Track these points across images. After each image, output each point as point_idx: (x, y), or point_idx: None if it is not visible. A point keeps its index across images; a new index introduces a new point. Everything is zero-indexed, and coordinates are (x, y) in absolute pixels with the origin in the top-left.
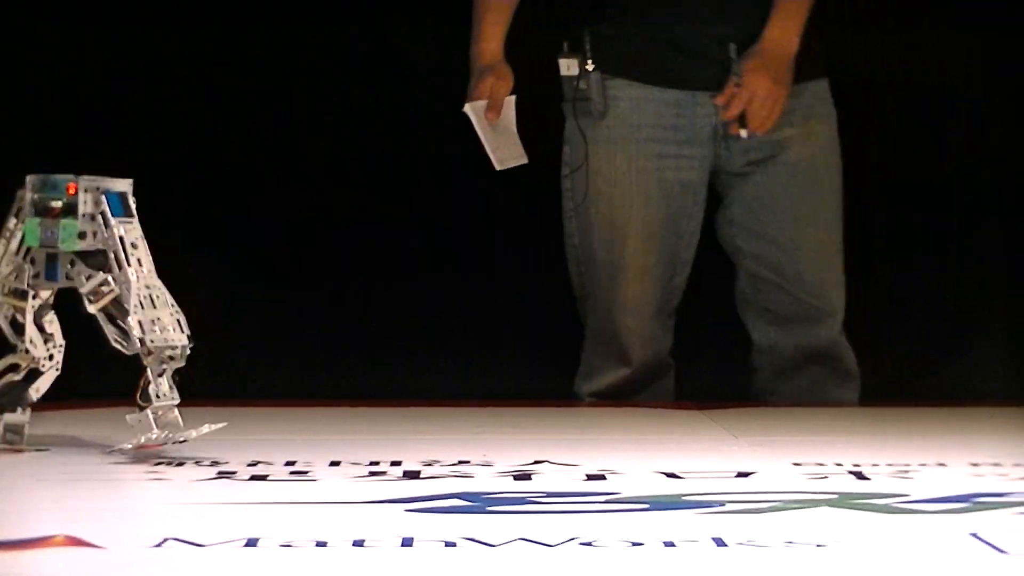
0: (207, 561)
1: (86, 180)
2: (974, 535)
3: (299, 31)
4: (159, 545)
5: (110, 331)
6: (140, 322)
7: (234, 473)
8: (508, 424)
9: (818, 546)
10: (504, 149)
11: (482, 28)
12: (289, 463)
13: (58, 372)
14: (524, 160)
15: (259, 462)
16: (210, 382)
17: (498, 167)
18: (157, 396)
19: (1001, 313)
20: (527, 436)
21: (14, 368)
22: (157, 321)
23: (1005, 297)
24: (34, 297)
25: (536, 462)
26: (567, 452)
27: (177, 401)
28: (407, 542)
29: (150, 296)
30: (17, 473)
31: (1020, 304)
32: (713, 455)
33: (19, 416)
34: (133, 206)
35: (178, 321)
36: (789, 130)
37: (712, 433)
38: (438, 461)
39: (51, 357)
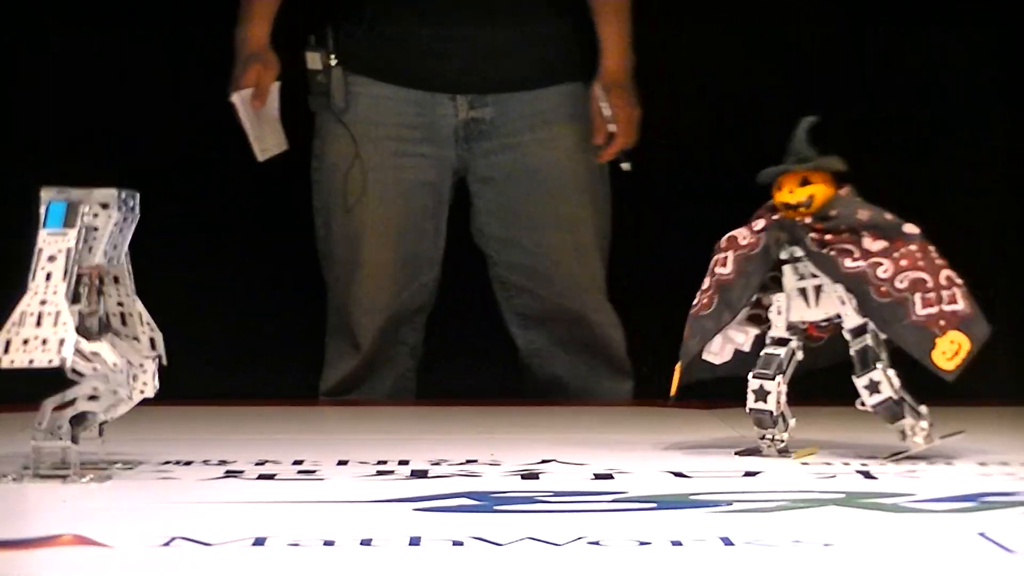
0: (215, 560)
1: (46, 191)
2: (982, 534)
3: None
4: (167, 544)
5: None
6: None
7: (242, 472)
8: (516, 423)
9: (825, 545)
10: (267, 138)
11: (249, 14)
12: (297, 462)
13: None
14: (285, 147)
15: (267, 461)
16: (213, 382)
17: (260, 158)
18: None
19: (1007, 313)
20: (535, 435)
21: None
22: (24, 344)
23: (1011, 297)
24: None
25: (544, 461)
26: (575, 451)
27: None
28: (415, 541)
29: (39, 314)
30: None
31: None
32: (721, 454)
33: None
34: (83, 217)
35: (44, 342)
36: (529, 135)
37: (720, 432)
38: (446, 460)
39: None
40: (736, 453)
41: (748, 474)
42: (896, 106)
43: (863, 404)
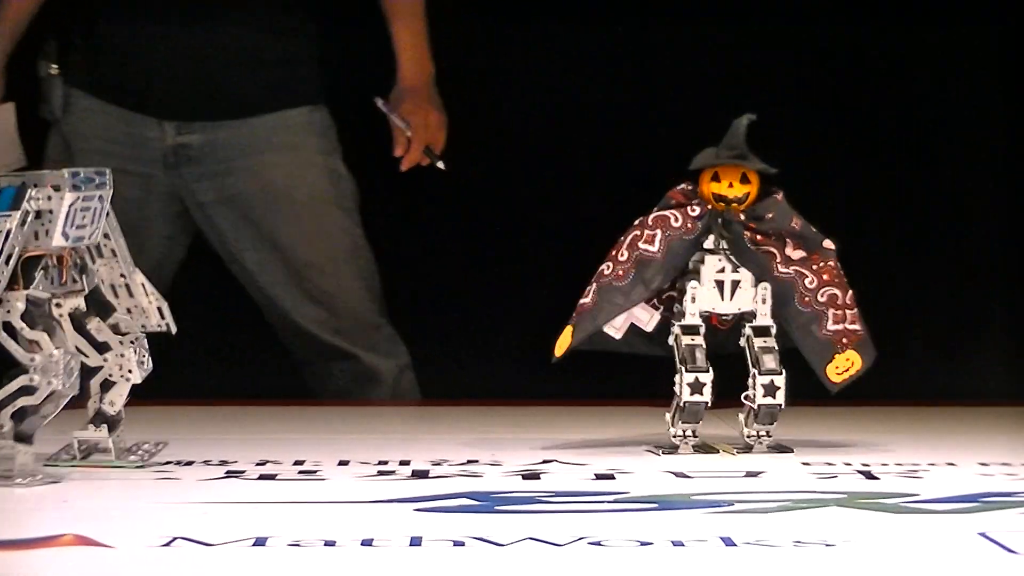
0: (216, 560)
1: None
2: (983, 535)
3: None
4: (168, 544)
5: None
6: None
7: (243, 472)
8: (516, 423)
9: (827, 545)
10: (5, 155)
11: None
12: (298, 462)
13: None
14: (24, 163)
15: (268, 461)
16: (218, 380)
17: None
18: None
19: (1006, 314)
20: (535, 435)
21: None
22: None
23: (1009, 297)
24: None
25: (545, 461)
26: (576, 452)
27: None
28: (416, 541)
29: None
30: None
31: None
32: (733, 457)
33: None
34: (29, 200)
35: None
36: (240, 162)
37: (719, 431)
38: (447, 460)
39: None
40: (661, 452)
41: (749, 474)
42: (896, 106)
43: (748, 399)
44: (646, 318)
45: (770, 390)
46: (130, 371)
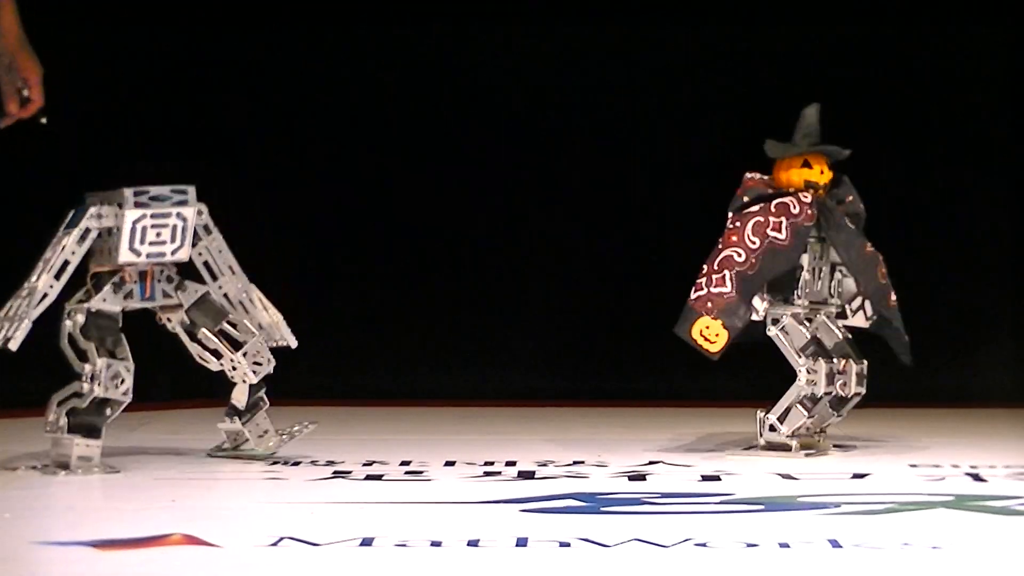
0: (322, 560)
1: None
2: None
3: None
4: (275, 544)
5: None
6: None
7: (349, 473)
8: (622, 424)
9: (934, 548)
10: None
11: None
12: (404, 463)
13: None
14: None
15: (374, 462)
16: (325, 380)
17: None
18: None
19: (1007, 313)
20: (641, 436)
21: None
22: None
23: (1011, 297)
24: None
25: (651, 463)
26: (681, 453)
27: None
28: (522, 542)
29: (9, 305)
30: (137, 472)
31: None
32: (829, 455)
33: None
34: (89, 218)
35: None
36: None
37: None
38: (553, 461)
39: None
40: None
41: (856, 476)
42: (902, 109)
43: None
44: (760, 307)
45: (861, 378)
46: (245, 374)
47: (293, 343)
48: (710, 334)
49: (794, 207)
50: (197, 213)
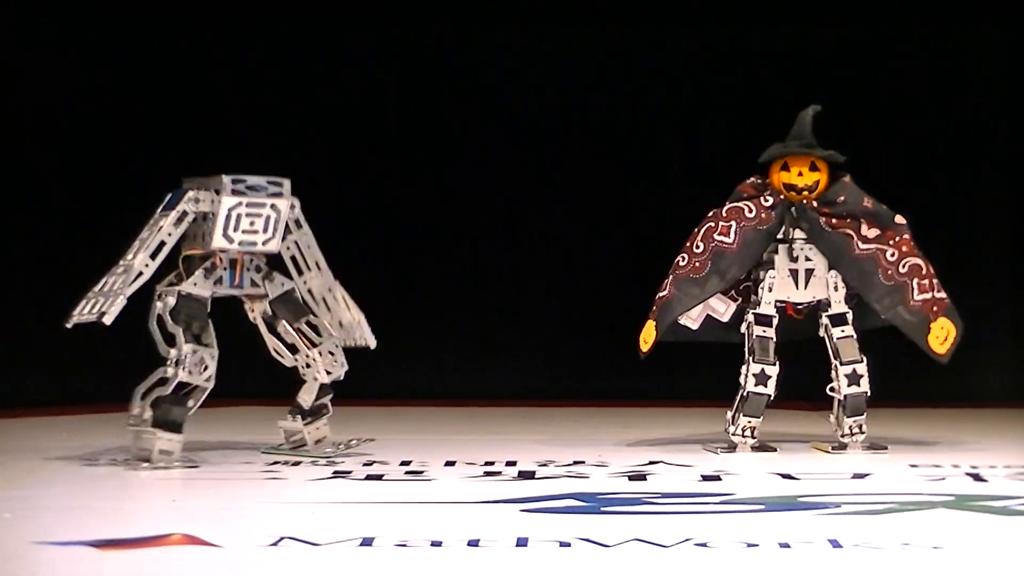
0: (323, 560)
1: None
2: None
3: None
4: (275, 544)
5: None
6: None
7: (349, 473)
8: (623, 424)
9: (934, 548)
10: None
11: None
12: (404, 463)
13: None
14: None
15: (374, 462)
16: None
17: None
18: None
19: (1007, 314)
20: (642, 436)
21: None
22: (87, 304)
23: (1011, 297)
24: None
25: (651, 463)
26: (682, 453)
27: None
28: (522, 542)
29: (104, 281)
30: (136, 472)
31: None
32: (829, 455)
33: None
34: (187, 202)
35: (93, 304)
36: None
37: (827, 430)
38: (553, 461)
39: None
40: (719, 451)
41: (856, 476)
42: (899, 110)
43: (833, 391)
44: (722, 309)
45: (853, 379)
46: (317, 373)
47: (372, 343)
48: (647, 334)
49: (749, 211)
50: (290, 207)
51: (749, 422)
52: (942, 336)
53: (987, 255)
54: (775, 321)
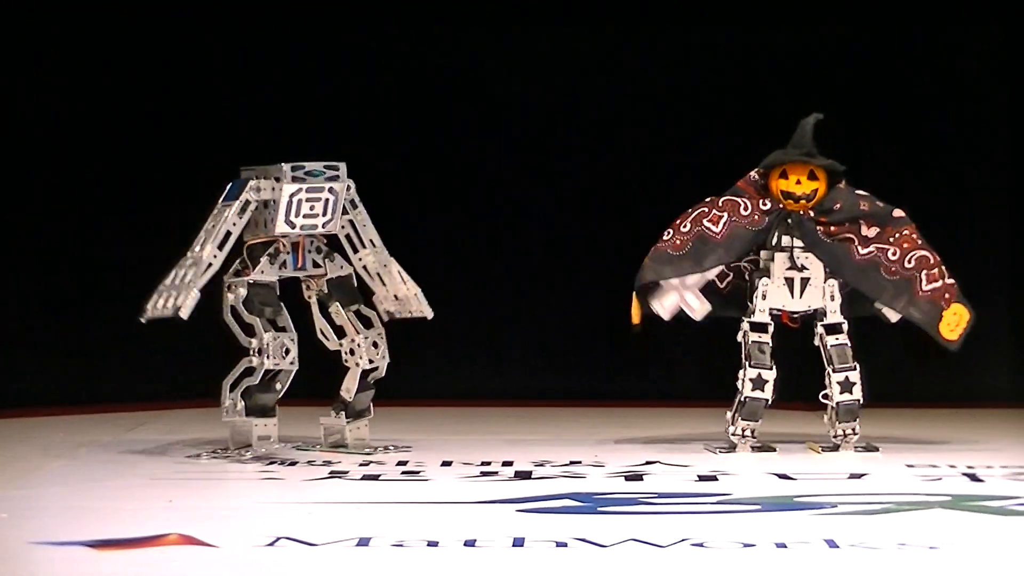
0: (319, 560)
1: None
2: None
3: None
4: (272, 544)
5: None
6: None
7: (346, 473)
8: (620, 424)
9: (931, 548)
10: None
11: None
12: (401, 463)
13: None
14: None
15: (371, 462)
16: (316, 383)
17: None
18: None
19: (1007, 314)
20: (639, 436)
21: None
22: (160, 298)
23: (1011, 298)
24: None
25: (648, 463)
26: (679, 453)
27: None
28: (518, 542)
29: (175, 274)
30: (133, 473)
31: None
32: (826, 456)
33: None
34: (249, 191)
35: (167, 298)
36: None
37: (825, 430)
38: (550, 461)
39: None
40: (718, 451)
41: (853, 476)
42: (898, 108)
43: (826, 397)
44: (697, 306)
45: (846, 386)
46: (360, 359)
47: (429, 314)
48: (633, 309)
49: (744, 208)
50: (346, 188)
51: (748, 425)
52: (953, 323)
53: (986, 255)
54: (771, 328)
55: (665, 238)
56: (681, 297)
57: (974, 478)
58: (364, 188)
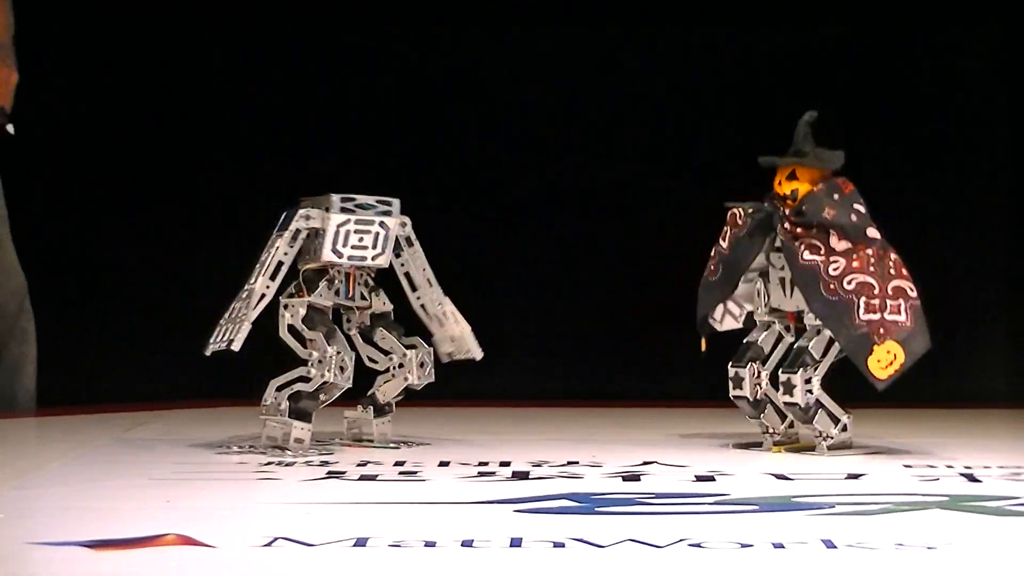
0: (317, 560)
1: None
2: None
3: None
4: (269, 544)
5: None
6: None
7: (344, 473)
8: (618, 425)
9: (929, 548)
10: None
11: None
12: (398, 463)
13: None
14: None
15: (368, 462)
16: None
17: None
18: None
19: (1007, 314)
20: (636, 437)
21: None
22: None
23: (1011, 298)
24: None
25: (645, 463)
26: (677, 453)
27: None
28: (516, 542)
29: (232, 307)
30: (130, 473)
31: None
32: (824, 456)
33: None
34: (297, 220)
35: (223, 331)
36: None
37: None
38: (547, 462)
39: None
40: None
41: (850, 476)
42: (897, 108)
43: (759, 387)
44: (737, 313)
45: (787, 388)
46: (408, 373)
47: (479, 355)
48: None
49: (739, 218)
50: (400, 225)
51: (759, 424)
52: (886, 360)
53: (985, 256)
54: (771, 326)
55: (706, 271)
56: (726, 308)
57: (972, 478)
58: (364, 188)
